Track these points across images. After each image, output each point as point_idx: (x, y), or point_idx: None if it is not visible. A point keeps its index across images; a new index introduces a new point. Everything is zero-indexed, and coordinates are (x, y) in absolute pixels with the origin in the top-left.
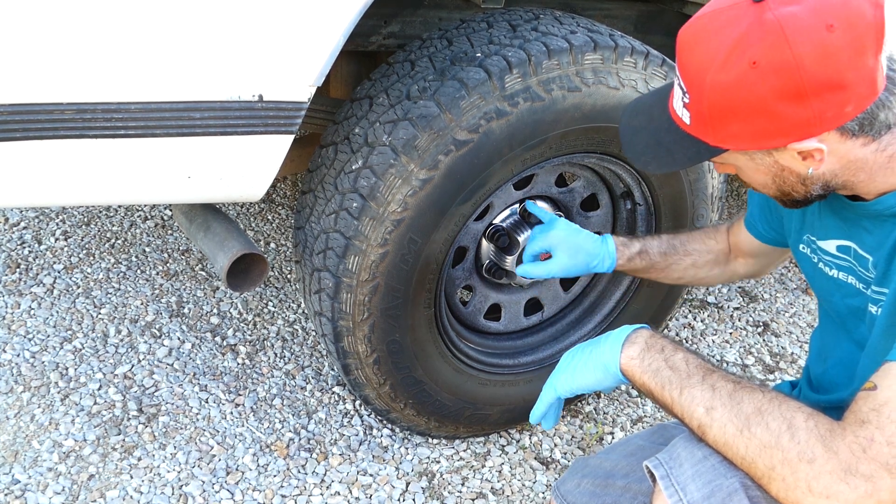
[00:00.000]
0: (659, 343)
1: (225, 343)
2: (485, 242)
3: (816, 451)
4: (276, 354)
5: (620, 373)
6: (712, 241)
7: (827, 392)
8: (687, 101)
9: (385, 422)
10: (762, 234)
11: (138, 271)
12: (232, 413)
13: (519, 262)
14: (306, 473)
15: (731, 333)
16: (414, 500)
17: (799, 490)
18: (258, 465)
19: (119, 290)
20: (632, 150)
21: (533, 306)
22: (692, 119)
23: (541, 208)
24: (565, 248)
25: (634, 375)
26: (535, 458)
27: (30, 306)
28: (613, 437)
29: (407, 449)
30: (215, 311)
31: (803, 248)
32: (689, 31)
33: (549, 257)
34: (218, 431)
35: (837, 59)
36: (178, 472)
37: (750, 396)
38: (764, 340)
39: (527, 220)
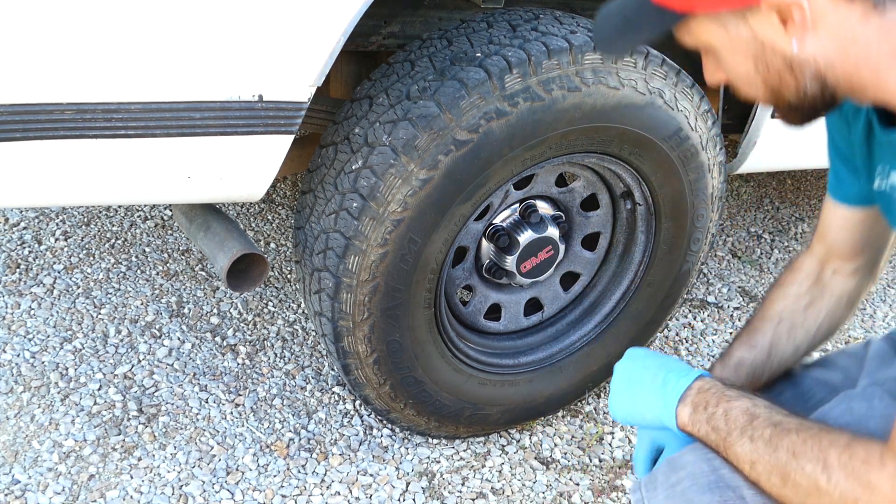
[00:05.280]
0: (703, 400)
1: (225, 343)
2: (485, 242)
3: (856, 491)
4: (276, 354)
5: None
6: (789, 278)
7: None
8: None
9: (385, 422)
10: (851, 194)
11: (138, 271)
12: (232, 413)
13: (521, 263)
14: (306, 473)
15: (731, 333)
16: (414, 500)
17: None
18: (258, 465)
19: (119, 290)
20: (599, 35)
21: (533, 306)
22: None
23: None
24: None
25: (694, 436)
26: (536, 458)
27: (30, 306)
28: (613, 437)
29: (407, 449)
30: (215, 311)
31: (879, 182)
32: None
33: None
34: (218, 431)
35: None
36: (178, 472)
37: (786, 440)
38: None
39: (527, 220)
